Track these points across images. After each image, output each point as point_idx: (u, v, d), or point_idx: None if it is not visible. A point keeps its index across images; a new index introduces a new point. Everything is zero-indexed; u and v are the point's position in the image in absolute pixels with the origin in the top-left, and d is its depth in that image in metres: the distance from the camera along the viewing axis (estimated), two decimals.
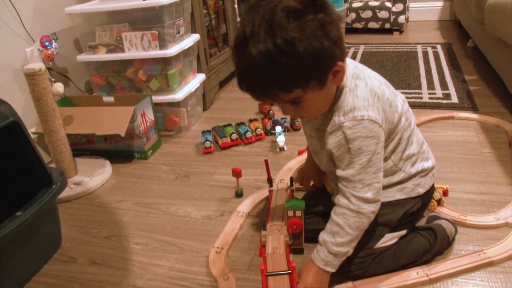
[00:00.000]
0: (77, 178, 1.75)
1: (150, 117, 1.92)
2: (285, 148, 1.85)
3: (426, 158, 1.14)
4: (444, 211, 1.34)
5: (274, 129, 1.93)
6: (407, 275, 1.12)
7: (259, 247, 1.23)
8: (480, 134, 1.87)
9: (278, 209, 1.28)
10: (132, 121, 1.80)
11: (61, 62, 2.06)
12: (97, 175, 1.77)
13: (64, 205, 1.61)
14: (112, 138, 1.90)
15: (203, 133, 1.98)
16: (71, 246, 1.40)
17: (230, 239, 1.32)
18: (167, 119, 2.09)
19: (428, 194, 1.17)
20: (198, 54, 2.24)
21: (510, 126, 1.87)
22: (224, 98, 2.58)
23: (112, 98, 1.97)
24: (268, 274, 0.99)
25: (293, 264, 0.98)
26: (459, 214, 1.34)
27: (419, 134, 1.15)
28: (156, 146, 1.98)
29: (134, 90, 2.10)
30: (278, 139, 1.84)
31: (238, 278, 1.17)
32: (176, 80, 2.02)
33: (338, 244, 1.01)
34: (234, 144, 1.94)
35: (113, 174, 1.82)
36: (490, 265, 1.15)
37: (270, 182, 1.42)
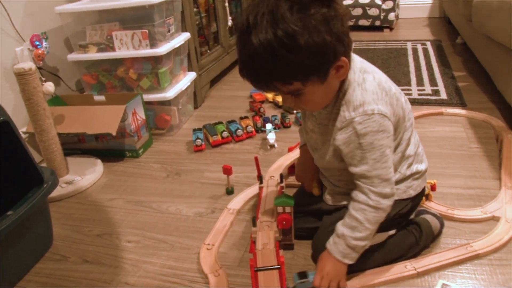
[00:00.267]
0: (68, 177, 1.75)
1: (141, 115, 1.93)
2: (275, 145, 1.87)
3: (420, 161, 1.15)
4: (432, 206, 1.36)
5: (265, 126, 1.94)
6: (395, 269, 1.14)
7: (250, 243, 1.24)
8: (468, 129, 1.90)
9: (268, 205, 1.29)
10: (123, 120, 1.81)
11: (51, 61, 2.06)
12: (88, 174, 1.78)
13: (55, 204, 1.62)
14: (103, 137, 1.90)
15: (194, 131, 1.99)
16: (63, 244, 1.40)
17: (221, 236, 1.33)
18: (158, 118, 2.10)
19: (419, 196, 1.18)
20: (188, 52, 2.25)
21: (498, 122, 1.89)
22: (215, 96, 2.59)
23: (103, 97, 1.98)
24: (257, 269, 1.00)
25: (281, 259, 1.00)
26: (447, 209, 1.35)
27: (417, 136, 1.16)
28: (147, 145, 1.99)
29: (125, 89, 2.10)
30: (269, 137, 1.85)
31: (229, 274, 1.19)
32: (166, 78, 2.03)
33: (357, 238, 1.01)
34: (225, 141, 1.95)
35: (104, 173, 1.82)
36: (476, 258, 1.17)
37: (260, 179, 1.44)
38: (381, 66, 2.79)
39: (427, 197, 1.38)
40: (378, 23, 3.82)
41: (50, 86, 1.71)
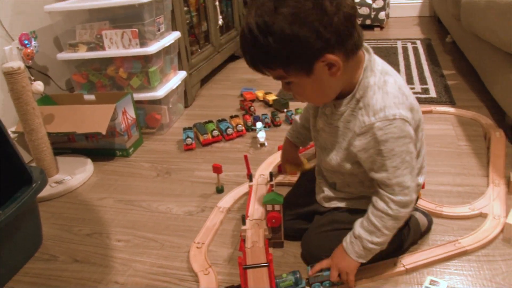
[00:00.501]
0: (58, 177, 1.74)
1: (131, 114, 1.92)
2: (265, 143, 1.87)
3: (422, 173, 1.13)
4: (421, 203, 1.37)
5: (255, 125, 1.95)
6: (384, 266, 1.14)
7: (240, 242, 1.25)
8: (457, 127, 1.91)
9: (258, 203, 1.30)
10: (113, 119, 1.80)
11: (41, 60, 2.05)
12: (78, 173, 1.77)
13: (45, 203, 1.61)
14: (93, 136, 1.90)
15: (185, 130, 1.99)
16: (53, 244, 1.40)
17: (211, 234, 1.33)
18: (149, 117, 2.10)
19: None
20: (179, 51, 2.24)
21: (486, 120, 1.91)
22: (205, 95, 2.59)
23: (93, 96, 1.97)
24: (245, 267, 1.00)
25: (270, 257, 1.00)
26: (436, 206, 1.37)
27: (425, 148, 1.13)
28: (137, 144, 1.99)
29: (115, 88, 2.10)
30: (259, 135, 1.86)
31: (218, 272, 1.19)
32: (157, 77, 2.03)
33: (374, 242, 1.00)
34: (215, 140, 1.95)
35: (94, 172, 1.82)
36: (464, 254, 1.19)
37: (250, 177, 1.44)
38: None
39: None
40: (368, 22, 3.83)
41: (39, 85, 1.71)
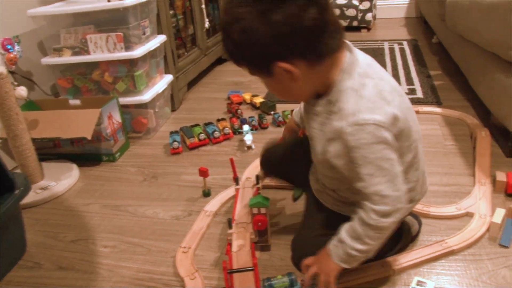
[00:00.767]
0: (43, 183, 1.72)
1: (117, 119, 1.91)
2: (252, 146, 1.86)
3: (416, 191, 1.06)
4: None
5: (242, 128, 1.94)
6: (371, 268, 1.14)
7: (226, 245, 1.24)
8: (443, 127, 1.92)
9: (244, 207, 1.29)
10: (98, 123, 1.79)
11: (25, 65, 2.02)
12: (64, 179, 1.75)
13: (30, 210, 1.59)
14: (79, 141, 1.88)
15: (171, 133, 1.98)
16: (37, 251, 1.38)
17: (197, 239, 1.32)
18: (135, 121, 2.08)
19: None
20: (165, 55, 2.23)
21: (472, 119, 1.92)
22: (193, 98, 2.58)
23: (78, 101, 1.95)
24: (230, 271, 0.99)
25: (254, 260, 0.99)
26: (423, 206, 1.36)
27: (422, 166, 1.07)
28: (124, 148, 1.97)
29: (101, 93, 2.08)
30: (246, 138, 1.85)
31: (205, 277, 1.18)
32: (142, 81, 2.01)
33: (356, 249, 0.94)
34: (202, 144, 1.94)
35: (80, 178, 1.80)
36: (451, 254, 1.19)
37: (236, 180, 1.43)
38: None
39: None
40: (355, 24, 3.84)
41: (22, 91, 1.69)
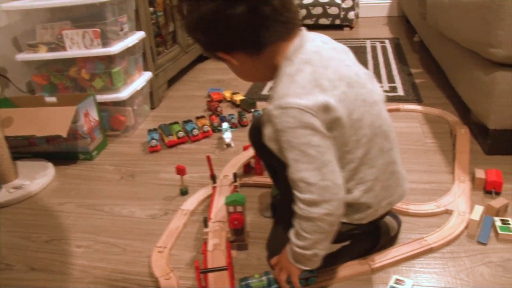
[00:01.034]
0: (17, 182, 1.68)
1: (94, 116, 1.87)
2: (232, 144, 1.84)
3: (362, 183, 0.97)
4: None
5: (222, 125, 1.92)
6: (349, 266, 1.13)
7: (203, 245, 1.22)
8: (424, 125, 1.92)
9: (221, 205, 1.27)
10: (74, 121, 1.75)
11: None
12: (39, 178, 1.71)
13: (3, 210, 1.55)
14: (54, 139, 1.84)
15: (149, 131, 1.95)
16: (9, 252, 1.34)
17: (173, 238, 1.30)
18: (113, 119, 2.05)
19: (376, 219, 1.07)
20: (144, 52, 2.20)
21: (452, 117, 1.93)
22: (173, 96, 2.55)
23: (54, 99, 1.91)
24: (202, 271, 0.97)
25: (228, 260, 0.96)
26: (402, 204, 1.36)
27: (385, 165, 1.00)
28: (101, 147, 1.93)
29: (78, 90, 2.04)
30: (225, 136, 1.83)
31: (180, 277, 1.15)
32: (120, 78, 1.98)
33: (299, 246, 0.91)
34: (180, 142, 1.91)
35: (56, 176, 1.76)
36: (430, 251, 1.18)
37: (213, 178, 1.41)
38: None
39: None
40: (338, 22, 3.85)
41: None
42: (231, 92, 2.34)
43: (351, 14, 3.80)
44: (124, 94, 1.96)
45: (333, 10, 3.79)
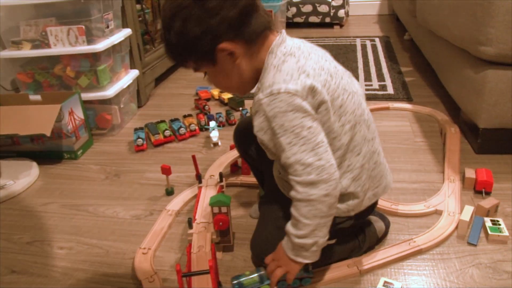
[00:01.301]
0: (0, 182, 1.64)
1: (79, 115, 1.84)
2: (219, 143, 1.82)
3: (349, 171, 0.99)
4: None
5: (209, 124, 1.89)
6: (337, 268, 1.11)
7: (187, 246, 1.19)
8: (413, 123, 1.90)
9: (206, 206, 1.24)
10: (58, 120, 1.71)
11: None
12: (22, 178, 1.67)
13: None
14: (38, 138, 1.80)
15: (136, 130, 1.92)
16: None
17: (158, 239, 1.27)
18: (99, 117, 2.01)
19: (363, 213, 1.07)
20: (131, 49, 2.16)
21: (442, 116, 1.91)
22: (160, 94, 2.52)
23: (39, 97, 1.87)
24: (184, 274, 0.94)
25: (210, 263, 0.93)
26: (391, 204, 1.34)
27: (375, 154, 1.03)
28: (87, 146, 1.90)
29: (63, 88, 2.00)
30: (212, 134, 1.80)
31: (164, 279, 1.13)
32: (106, 76, 1.94)
33: (299, 236, 0.91)
34: (167, 140, 1.88)
35: (40, 176, 1.72)
36: (419, 253, 1.16)
37: (198, 178, 1.38)
38: None
39: None
40: (328, 20, 3.82)
41: None
42: (219, 90, 2.31)
43: (341, 12, 3.78)
44: (110, 92, 1.92)
45: (323, 8, 3.77)
